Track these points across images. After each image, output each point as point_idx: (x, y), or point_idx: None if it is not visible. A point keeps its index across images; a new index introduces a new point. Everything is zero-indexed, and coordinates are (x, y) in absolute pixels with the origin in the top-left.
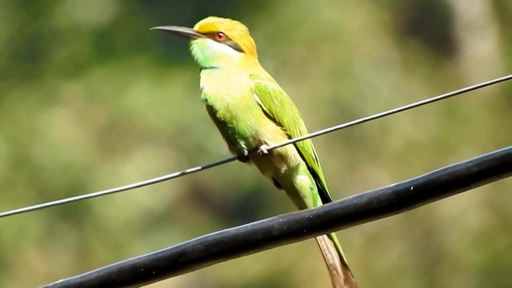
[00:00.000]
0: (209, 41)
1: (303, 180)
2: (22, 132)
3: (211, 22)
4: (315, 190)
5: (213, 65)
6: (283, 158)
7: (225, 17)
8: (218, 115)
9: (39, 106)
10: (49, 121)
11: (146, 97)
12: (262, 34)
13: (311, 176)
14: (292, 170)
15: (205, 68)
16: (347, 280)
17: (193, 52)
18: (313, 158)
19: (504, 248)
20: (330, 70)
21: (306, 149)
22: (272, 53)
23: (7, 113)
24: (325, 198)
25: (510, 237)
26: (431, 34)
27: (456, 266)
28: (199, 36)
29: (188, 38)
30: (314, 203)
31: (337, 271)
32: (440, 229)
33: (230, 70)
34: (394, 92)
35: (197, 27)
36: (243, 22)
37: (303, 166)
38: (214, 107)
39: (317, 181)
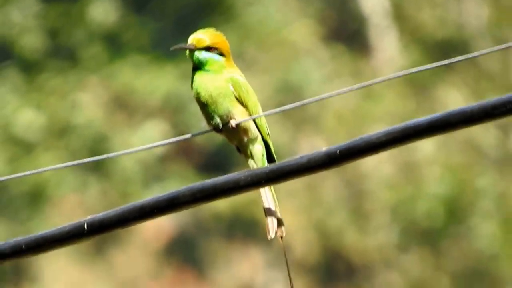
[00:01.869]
0: (203, 53)
1: (258, 148)
2: (60, 109)
3: (204, 39)
4: (265, 157)
5: (206, 68)
6: (246, 131)
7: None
8: (202, 99)
9: (71, 90)
10: (79, 102)
11: (149, 84)
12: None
13: (263, 145)
14: (251, 140)
15: (199, 69)
16: (279, 226)
17: (194, 59)
18: (266, 133)
19: (408, 193)
20: (278, 65)
21: (262, 125)
22: (235, 52)
23: (48, 95)
24: (273, 161)
25: (412, 186)
26: (350, 36)
27: (376, 204)
28: (197, 49)
29: (190, 51)
30: (263, 165)
31: (271, 218)
32: (364, 177)
33: (216, 70)
34: (325, 82)
35: (194, 41)
36: (216, 29)
37: (259, 138)
38: (201, 94)
39: (268, 149)
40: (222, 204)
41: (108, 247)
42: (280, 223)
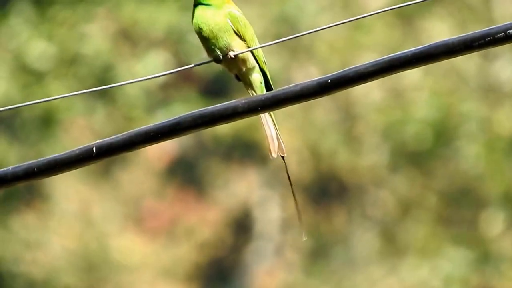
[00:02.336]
0: None
1: (256, 77)
2: (69, 39)
3: None
4: (263, 84)
5: (206, 1)
6: (244, 61)
7: None
8: (203, 33)
9: (80, 22)
10: (87, 33)
11: (154, 16)
12: None
13: (261, 74)
14: (250, 70)
15: (200, 3)
16: (279, 146)
17: None
18: (263, 62)
19: (397, 117)
20: None
21: (259, 56)
22: None
23: (58, 26)
24: (270, 89)
25: (401, 110)
26: None
27: (367, 127)
28: None
29: None
30: (262, 91)
31: (272, 140)
32: (355, 101)
33: (216, 5)
34: (319, 13)
35: None
36: None
37: (256, 68)
38: (202, 28)
39: (265, 78)
40: (221, 128)
41: (114, 167)
42: (280, 143)
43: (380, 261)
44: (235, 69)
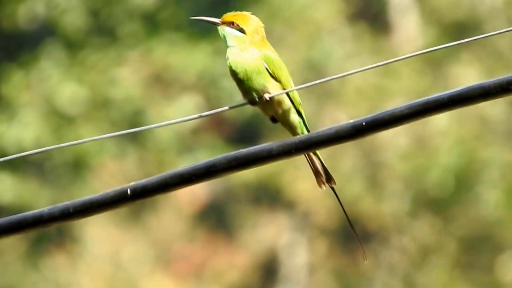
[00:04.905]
0: (226, 28)
1: (294, 118)
2: (100, 83)
3: (228, 15)
4: (302, 123)
5: (230, 43)
6: (279, 103)
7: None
8: (239, 76)
9: (111, 65)
10: (118, 76)
11: (186, 60)
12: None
13: (298, 114)
14: (286, 111)
15: (228, 46)
16: (328, 178)
17: (220, 34)
18: (299, 103)
19: (420, 164)
20: (303, 43)
21: (295, 97)
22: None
23: (89, 70)
24: (307, 129)
25: (424, 157)
26: (372, 15)
27: (390, 174)
28: (220, 24)
29: (215, 25)
30: (302, 130)
31: (320, 173)
32: (379, 148)
33: (241, 46)
34: (347, 59)
35: (221, 18)
36: (248, 10)
37: (292, 109)
38: (236, 71)
39: (302, 118)
40: (250, 174)
41: (144, 211)
42: (329, 174)
43: None
44: (271, 111)
